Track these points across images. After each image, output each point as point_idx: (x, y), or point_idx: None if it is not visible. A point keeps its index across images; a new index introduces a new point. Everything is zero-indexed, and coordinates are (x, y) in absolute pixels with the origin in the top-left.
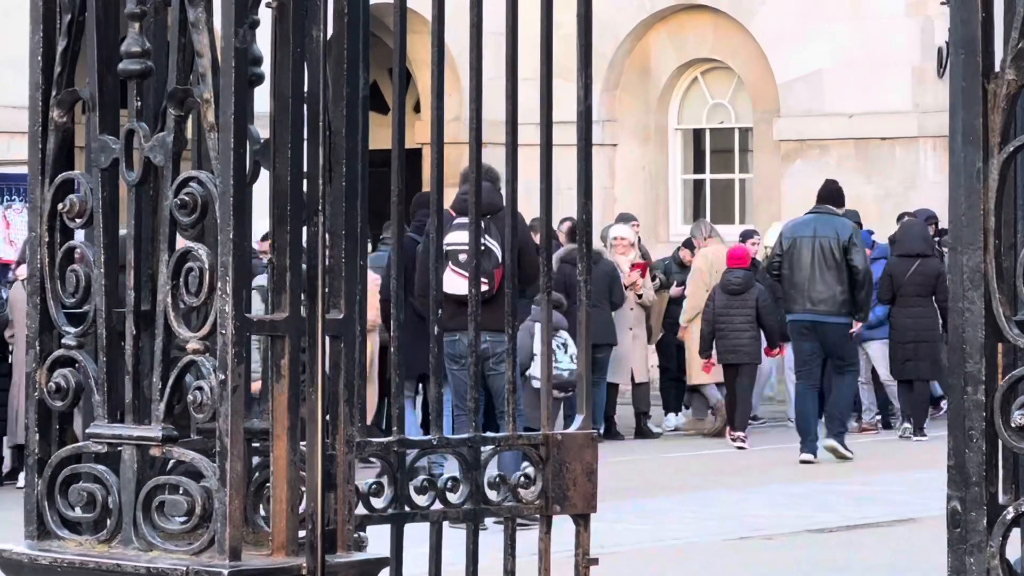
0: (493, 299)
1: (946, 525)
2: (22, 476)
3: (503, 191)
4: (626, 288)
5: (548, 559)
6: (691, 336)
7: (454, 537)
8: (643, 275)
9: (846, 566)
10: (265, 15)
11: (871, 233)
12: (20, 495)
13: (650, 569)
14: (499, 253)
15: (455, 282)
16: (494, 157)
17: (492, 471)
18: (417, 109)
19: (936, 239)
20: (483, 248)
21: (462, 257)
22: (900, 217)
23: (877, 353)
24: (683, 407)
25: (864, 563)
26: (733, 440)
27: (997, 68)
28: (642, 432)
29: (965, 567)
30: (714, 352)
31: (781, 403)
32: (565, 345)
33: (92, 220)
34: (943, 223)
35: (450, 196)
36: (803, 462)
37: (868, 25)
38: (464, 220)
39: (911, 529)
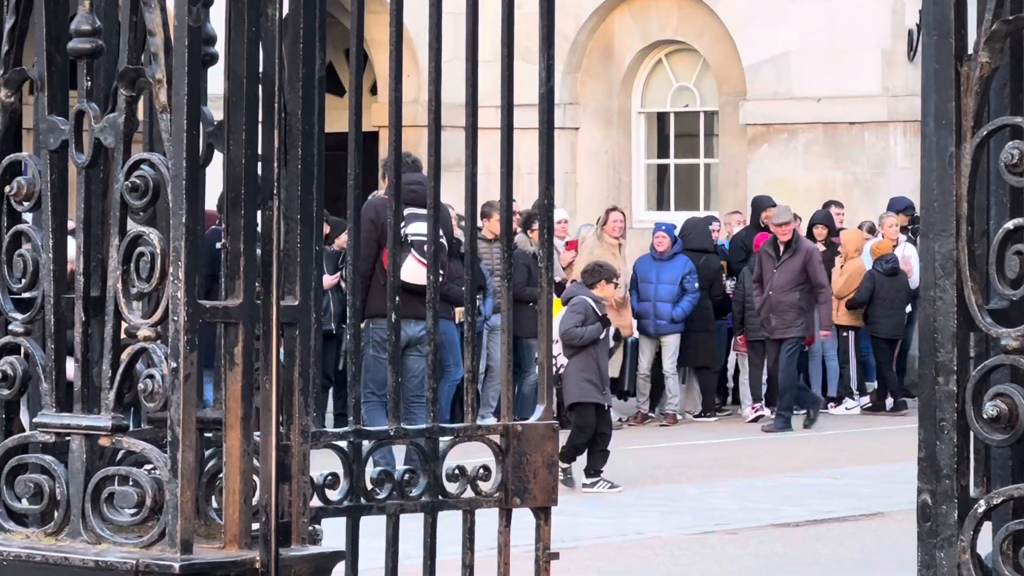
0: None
1: (916, 519)
2: None
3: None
4: (564, 268)
5: (508, 553)
6: None
7: (411, 530)
8: (576, 254)
9: (814, 561)
10: None
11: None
12: None
13: (613, 564)
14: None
15: (418, 271)
16: (454, 140)
17: (450, 463)
18: (374, 91)
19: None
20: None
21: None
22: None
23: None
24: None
25: (833, 557)
26: (755, 410)
27: (970, 50)
28: None
29: (935, 562)
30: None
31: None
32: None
33: (40, 203)
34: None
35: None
36: None
37: (837, 6)
38: (418, 211)
39: (879, 523)
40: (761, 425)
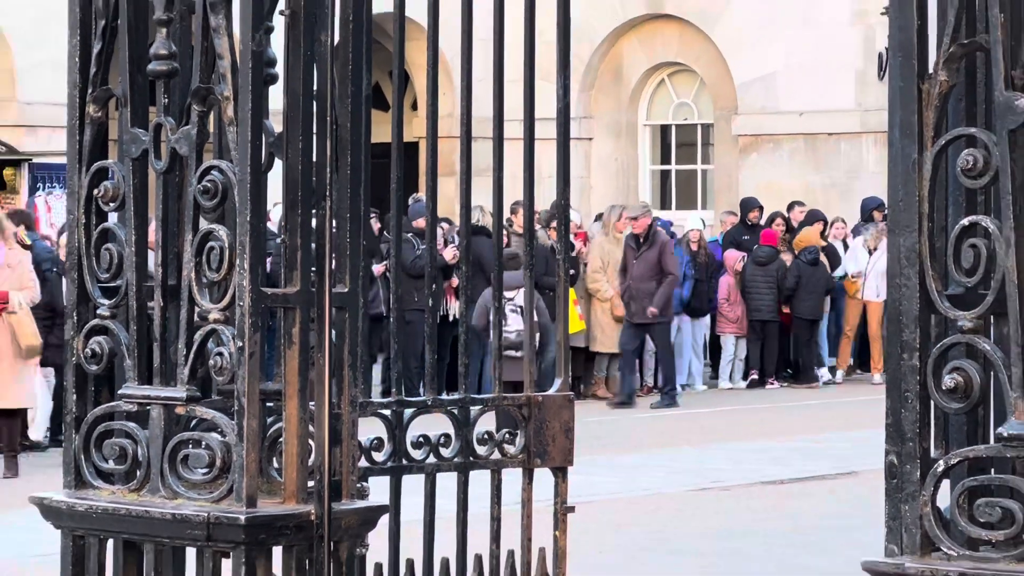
0: None
1: (884, 477)
2: None
3: None
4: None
5: (531, 507)
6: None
7: (446, 488)
8: (584, 244)
9: (797, 513)
10: (279, 21)
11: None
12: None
13: (623, 516)
14: None
15: None
16: (483, 149)
17: (480, 428)
18: (414, 107)
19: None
20: None
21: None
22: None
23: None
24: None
25: (813, 511)
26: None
27: (931, 70)
28: None
29: (900, 514)
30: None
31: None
32: (519, 309)
33: (124, 204)
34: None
35: (444, 185)
36: None
37: (817, 32)
38: None
39: (854, 481)
40: (650, 403)
